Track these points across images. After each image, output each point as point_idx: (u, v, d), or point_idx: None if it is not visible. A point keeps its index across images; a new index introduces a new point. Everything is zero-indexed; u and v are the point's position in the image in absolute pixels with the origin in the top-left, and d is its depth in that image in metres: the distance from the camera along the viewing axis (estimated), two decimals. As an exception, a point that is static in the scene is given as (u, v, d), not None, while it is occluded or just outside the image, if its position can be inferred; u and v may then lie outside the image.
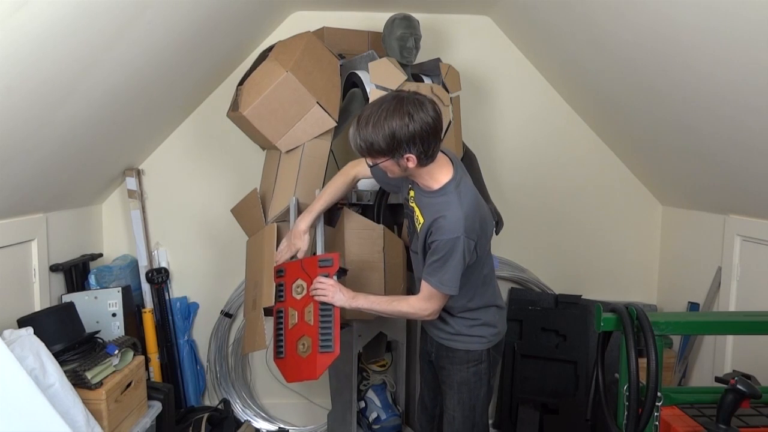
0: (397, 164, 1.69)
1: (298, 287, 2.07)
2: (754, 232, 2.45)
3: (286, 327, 2.08)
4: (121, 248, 3.12)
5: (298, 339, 2.03)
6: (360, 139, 1.66)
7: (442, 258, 1.69)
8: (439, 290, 1.74)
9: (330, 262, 2.01)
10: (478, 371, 1.88)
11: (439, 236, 1.69)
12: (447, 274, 1.70)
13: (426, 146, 1.64)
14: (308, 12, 3.05)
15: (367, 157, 1.72)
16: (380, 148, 1.64)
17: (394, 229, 2.55)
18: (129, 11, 1.82)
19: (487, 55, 3.15)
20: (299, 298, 2.06)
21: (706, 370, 2.71)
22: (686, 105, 2.22)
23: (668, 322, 1.71)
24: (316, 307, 2.00)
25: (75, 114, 2.09)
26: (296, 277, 2.09)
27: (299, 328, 2.04)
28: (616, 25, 2.20)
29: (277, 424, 3.12)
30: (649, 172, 3.13)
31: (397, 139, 1.61)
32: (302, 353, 2.01)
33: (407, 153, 1.64)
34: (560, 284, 3.22)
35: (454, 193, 1.72)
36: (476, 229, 1.71)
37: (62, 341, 2.09)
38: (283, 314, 2.10)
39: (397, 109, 1.60)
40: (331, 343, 1.97)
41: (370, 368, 2.83)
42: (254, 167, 2.74)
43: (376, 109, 1.64)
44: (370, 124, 1.63)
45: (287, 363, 2.07)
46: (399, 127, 1.60)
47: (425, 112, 1.62)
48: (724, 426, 1.56)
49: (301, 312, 2.04)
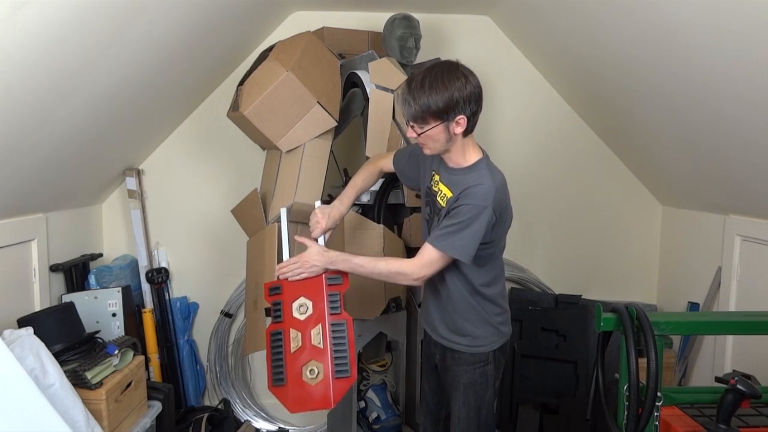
0: (446, 129, 1.68)
1: (302, 306, 1.89)
2: (754, 232, 2.45)
3: (287, 351, 1.87)
4: (121, 248, 3.12)
5: (304, 365, 1.85)
6: (415, 103, 1.65)
7: (462, 223, 1.66)
8: (447, 255, 1.69)
9: (339, 280, 1.88)
10: (485, 372, 1.87)
11: (467, 201, 1.67)
12: (462, 241, 1.67)
13: (477, 109, 1.68)
14: (308, 12, 3.06)
15: (417, 125, 1.69)
16: (437, 109, 1.64)
17: (394, 229, 2.54)
18: (129, 11, 1.82)
19: (487, 55, 3.15)
20: (303, 319, 1.88)
21: (706, 370, 2.71)
22: (686, 105, 2.23)
23: (668, 322, 1.71)
24: (325, 329, 1.85)
25: (75, 113, 2.09)
26: (297, 295, 1.90)
27: (305, 352, 1.85)
28: (616, 25, 2.20)
29: (277, 424, 3.12)
30: (649, 172, 3.13)
31: (455, 100, 1.63)
32: (310, 380, 1.84)
33: (461, 114, 1.65)
34: (560, 284, 3.23)
35: (486, 169, 1.73)
36: (502, 207, 1.73)
37: (62, 341, 2.09)
38: (282, 336, 1.88)
39: (452, 71, 1.65)
40: (348, 368, 1.83)
41: (370, 368, 2.83)
42: (254, 167, 2.74)
43: (430, 72, 1.65)
44: (426, 86, 1.63)
45: (290, 391, 1.86)
46: (458, 88, 1.63)
47: (474, 78, 1.68)
48: (724, 426, 1.56)
49: (306, 334, 1.86)
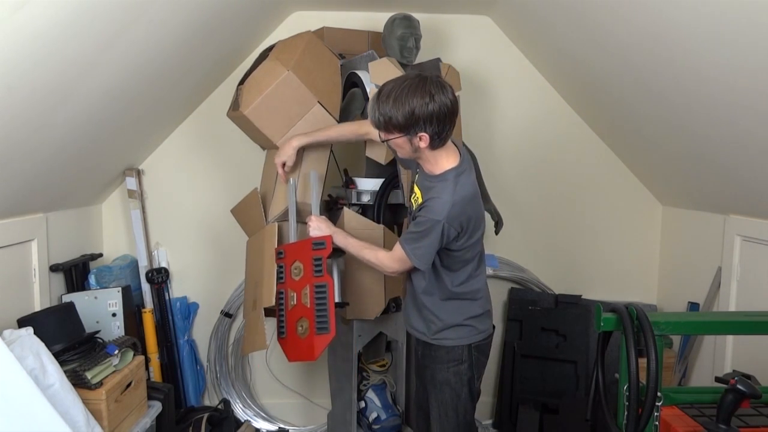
0: (409, 142, 1.72)
1: (296, 269, 2.12)
2: (754, 232, 2.44)
3: (286, 308, 2.14)
4: (121, 248, 3.12)
5: (297, 320, 2.09)
6: (379, 113, 1.70)
7: (420, 233, 1.76)
8: (410, 259, 1.80)
9: (323, 245, 2.04)
10: (459, 371, 1.89)
11: (424, 213, 1.76)
12: (420, 250, 1.77)
13: (440, 128, 1.69)
14: (308, 12, 3.06)
15: (382, 132, 1.76)
16: (397, 123, 1.68)
17: (394, 229, 2.55)
18: (129, 11, 1.82)
19: (487, 55, 3.15)
20: (297, 280, 2.11)
21: (706, 370, 2.71)
22: (686, 105, 2.22)
23: (668, 322, 1.71)
24: (311, 289, 2.06)
25: (75, 114, 2.09)
26: (294, 258, 2.13)
27: (298, 309, 2.10)
28: (616, 25, 2.20)
29: (277, 424, 3.12)
30: (649, 172, 3.13)
31: (415, 117, 1.65)
32: (301, 335, 2.07)
33: (422, 132, 1.68)
34: (560, 284, 3.23)
35: (451, 181, 1.76)
36: (461, 222, 1.75)
37: (62, 341, 2.09)
38: (284, 295, 2.15)
39: (419, 88, 1.65)
40: (327, 325, 2.02)
41: (370, 368, 2.82)
42: (254, 167, 2.74)
43: (398, 85, 1.68)
44: (391, 99, 1.67)
45: (288, 343, 2.14)
46: (419, 106, 1.64)
47: (445, 95, 1.67)
48: (724, 426, 1.56)
49: (299, 293, 2.10)
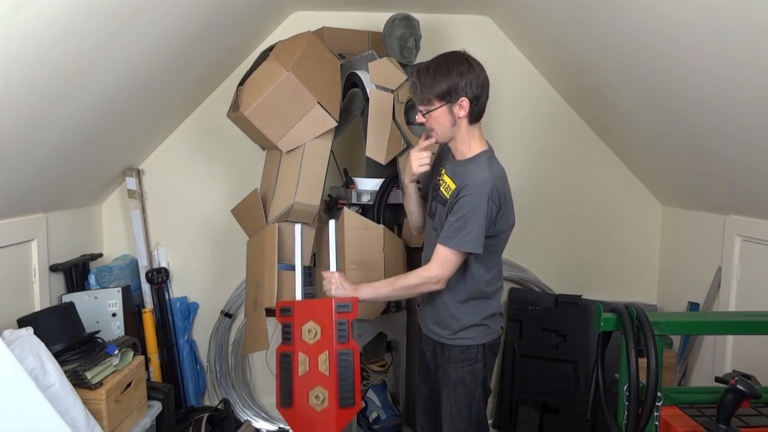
0: (450, 112, 1.77)
1: (310, 331, 1.85)
2: (754, 232, 2.44)
3: (294, 374, 1.85)
4: (121, 248, 3.12)
5: (310, 389, 1.83)
6: (420, 84, 1.78)
7: (465, 217, 1.74)
8: (461, 249, 1.76)
9: (349, 308, 1.83)
10: (474, 370, 1.89)
11: (466, 192, 1.75)
12: (471, 234, 1.74)
13: (479, 92, 1.76)
14: (308, 12, 3.06)
15: (424, 106, 1.81)
16: (440, 91, 1.75)
17: (394, 229, 2.54)
18: (128, 11, 1.82)
19: (487, 55, 3.09)
20: (311, 343, 1.84)
21: (706, 370, 2.71)
22: (686, 105, 2.22)
23: (668, 322, 1.70)
24: (333, 357, 1.80)
25: (75, 113, 2.09)
26: (306, 318, 1.86)
27: (312, 377, 1.83)
28: (616, 25, 2.20)
29: (277, 424, 3.12)
30: (649, 172, 3.13)
31: (455, 81, 1.74)
32: (316, 406, 1.81)
33: (462, 96, 1.75)
34: (560, 284, 3.23)
35: (485, 162, 1.81)
36: (499, 198, 1.77)
37: (62, 341, 2.09)
38: (291, 359, 1.86)
39: (457, 58, 1.78)
40: (352, 396, 1.80)
41: (370, 368, 2.83)
42: (254, 167, 2.74)
43: (437, 58, 1.79)
44: (431, 69, 1.77)
45: (297, 415, 1.85)
46: (459, 72, 1.74)
47: (480, 67, 1.79)
48: (724, 426, 1.56)
49: (314, 359, 1.83)
